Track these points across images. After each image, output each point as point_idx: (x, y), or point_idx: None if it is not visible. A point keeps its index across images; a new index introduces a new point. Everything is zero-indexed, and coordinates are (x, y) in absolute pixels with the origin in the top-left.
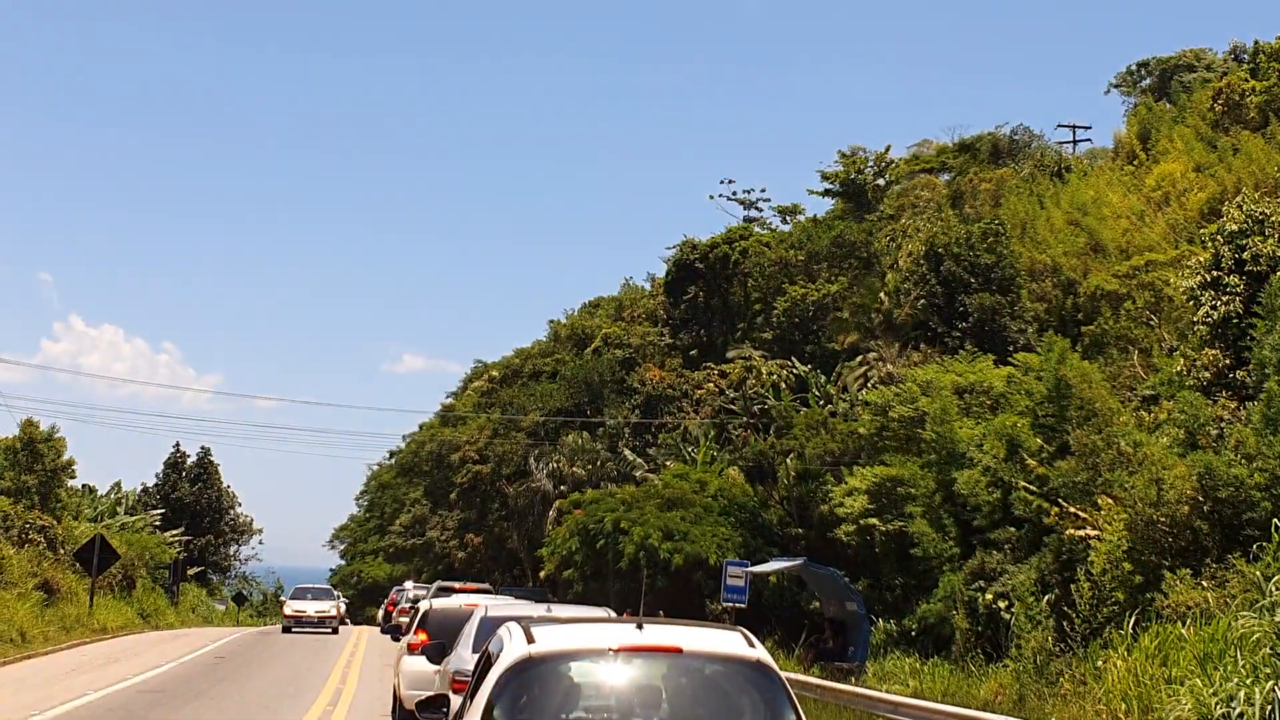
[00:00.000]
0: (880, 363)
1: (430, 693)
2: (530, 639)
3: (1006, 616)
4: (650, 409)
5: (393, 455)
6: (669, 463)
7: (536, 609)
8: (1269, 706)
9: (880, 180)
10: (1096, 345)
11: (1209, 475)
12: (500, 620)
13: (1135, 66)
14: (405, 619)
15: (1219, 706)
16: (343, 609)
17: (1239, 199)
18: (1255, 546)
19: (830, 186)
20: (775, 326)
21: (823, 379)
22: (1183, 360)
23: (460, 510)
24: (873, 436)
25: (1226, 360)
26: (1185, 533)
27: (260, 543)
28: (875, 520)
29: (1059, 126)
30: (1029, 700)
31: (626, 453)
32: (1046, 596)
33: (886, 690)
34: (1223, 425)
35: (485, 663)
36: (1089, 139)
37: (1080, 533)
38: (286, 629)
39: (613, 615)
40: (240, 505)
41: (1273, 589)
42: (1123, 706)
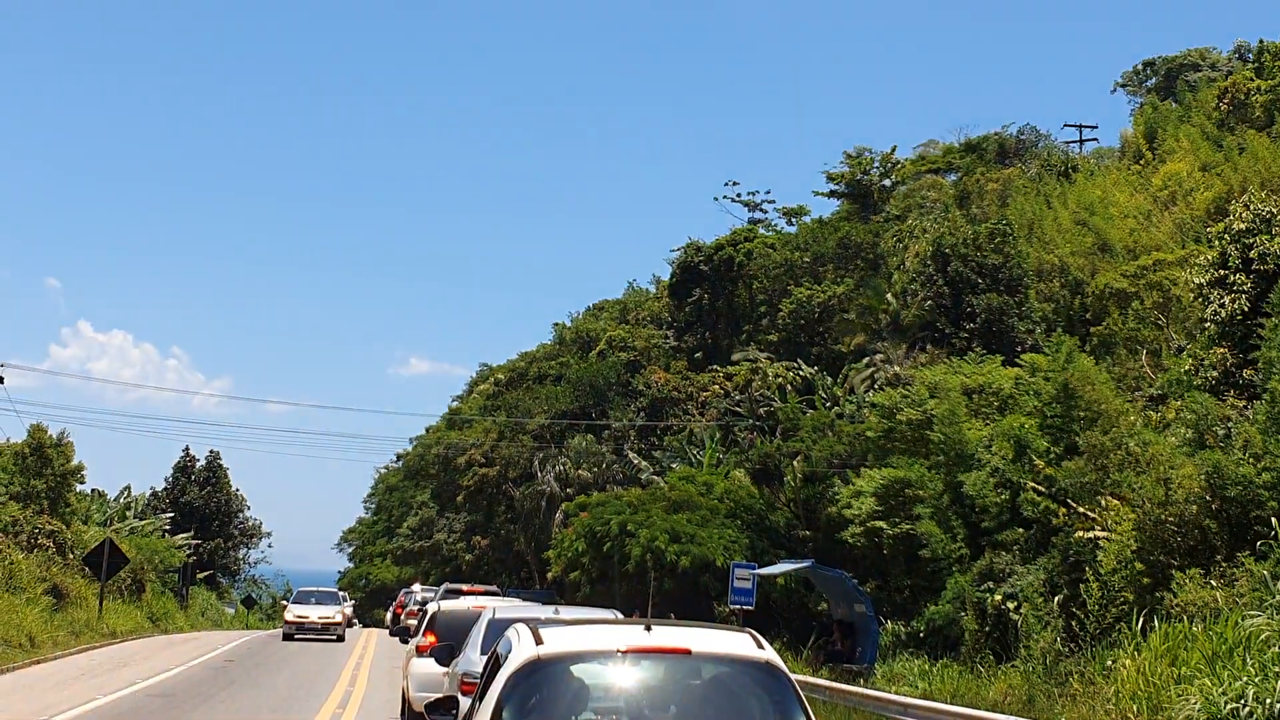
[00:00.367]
0: (887, 364)
1: (439, 694)
2: (538, 640)
3: (1015, 617)
4: (655, 412)
5: (400, 458)
6: (675, 465)
7: (544, 611)
8: (1279, 705)
9: (886, 181)
10: (1105, 345)
11: (1217, 474)
12: (508, 622)
13: (1141, 66)
14: (413, 621)
15: (1228, 705)
16: (350, 613)
17: (1246, 197)
18: (1263, 545)
19: (836, 187)
20: (781, 328)
21: (829, 381)
22: (1190, 359)
23: (467, 513)
24: (879, 439)
25: (1234, 359)
26: (1194, 532)
27: (269, 546)
28: (883, 523)
29: (1065, 126)
30: (1038, 701)
31: (632, 456)
32: (1055, 597)
33: (895, 691)
34: (1230, 424)
35: (494, 664)
36: (1095, 139)
37: (1089, 533)
38: (288, 636)
39: (620, 617)
40: (249, 509)
41: None
42: (1132, 706)
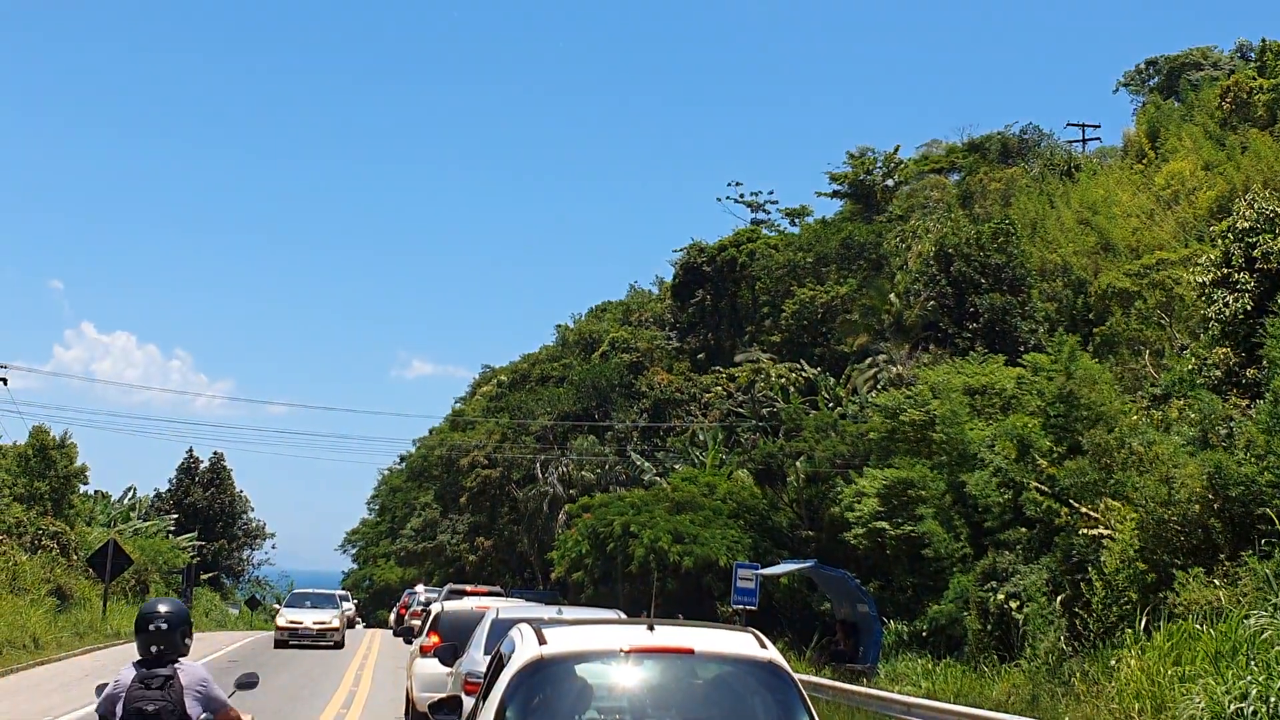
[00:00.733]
0: (890, 364)
1: (443, 694)
2: (542, 640)
3: (1018, 617)
4: (658, 413)
5: (403, 460)
6: (677, 466)
7: (547, 611)
8: None
9: (889, 181)
10: (1108, 344)
11: (1219, 474)
12: (511, 622)
13: (1143, 65)
14: (417, 622)
15: (1232, 704)
16: (351, 614)
17: (1249, 196)
18: (1266, 544)
19: (839, 188)
20: (784, 329)
21: (832, 381)
22: (1193, 359)
23: (470, 514)
24: (883, 439)
25: (1237, 358)
26: (1197, 531)
27: (273, 547)
28: (885, 524)
29: (1068, 125)
30: (1042, 700)
31: (635, 457)
32: (1058, 596)
33: (899, 691)
34: (1233, 424)
35: (497, 664)
36: (1098, 138)
37: (1093, 531)
38: (280, 644)
39: (624, 617)
40: (253, 510)
41: None
42: (1136, 705)
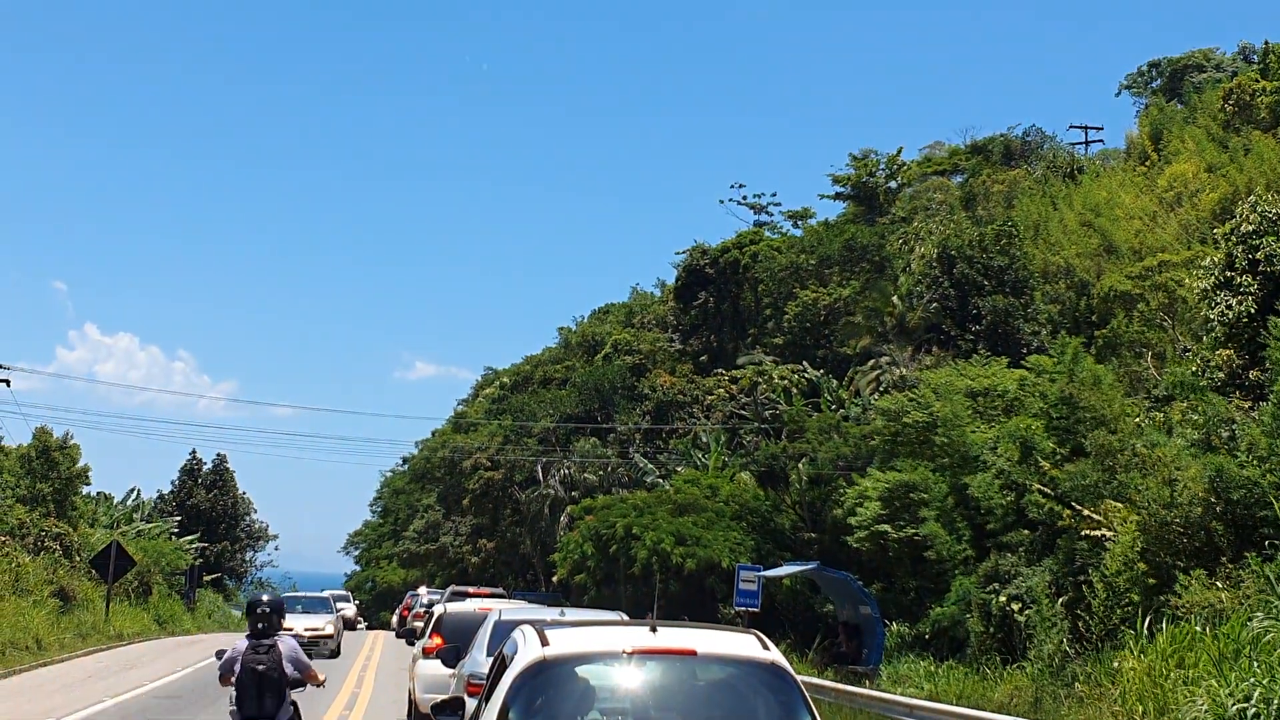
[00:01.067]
0: (893, 366)
1: (445, 696)
2: (545, 642)
3: (1020, 619)
4: (661, 415)
5: (406, 461)
6: (680, 468)
7: (550, 613)
8: None
9: (892, 183)
10: (1110, 347)
11: (1221, 477)
12: (514, 624)
13: (1146, 67)
14: (420, 623)
15: (1235, 706)
16: (352, 615)
17: (1252, 199)
18: (1269, 546)
19: (842, 190)
20: (786, 331)
21: (835, 383)
22: (1196, 361)
23: (473, 516)
24: (885, 442)
25: (1240, 360)
26: (1199, 533)
27: (276, 549)
28: (888, 527)
29: (1071, 127)
30: (1045, 702)
31: (638, 459)
32: (1061, 598)
33: (901, 693)
34: (1234, 426)
35: (500, 666)
36: (1101, 140)
37: (1095, 534)
38: None
39: (626, 619)
40: (256, 511)
41: None
42: (1139, 708)
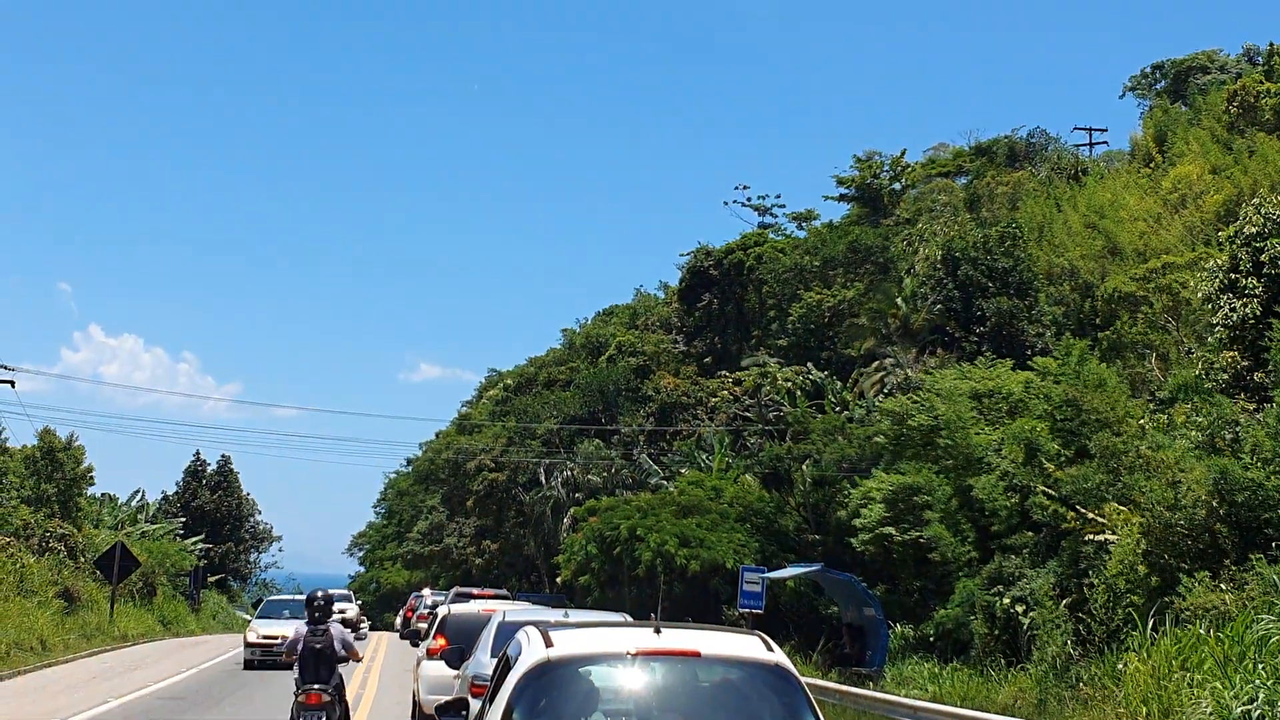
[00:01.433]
0: (897, 368)
1: (449, 697)
2: (548, 643)
3: (1025, 621)
4: (665, 417)
5: (410, 463)
6: (684, 470)
7: (554, 614)
8: None
9: (896, 185)
10: (1114, 349)
11: (1225, 479)
12: (518, 625)
13: (1150, 69)
14: (424, 625)
15: (1239, 709)
16: (351, 616)
17: (1256, 201)
18: (1274, 547)
19: (846, 191)
20: (790, 333)
21: (839, 385)
22: (1200, 363)
23: (477, 517)
24: (890, 444)
25: (1244, 363)
26: (1203, 536)
27: (280, 550)
28: (892, 529)
29: (1075, 129)
30: (1049, 704)
31: (644, 459)
32: (1064, 600)
33: (905, 695)
34: (1239, 428)
35: (504, 667)
36: (1105, 142)
37: (1099, 537)
38: (249, 665)
39: (630, 620)
40: (260, 513)
41: None
42: (1143, 710)
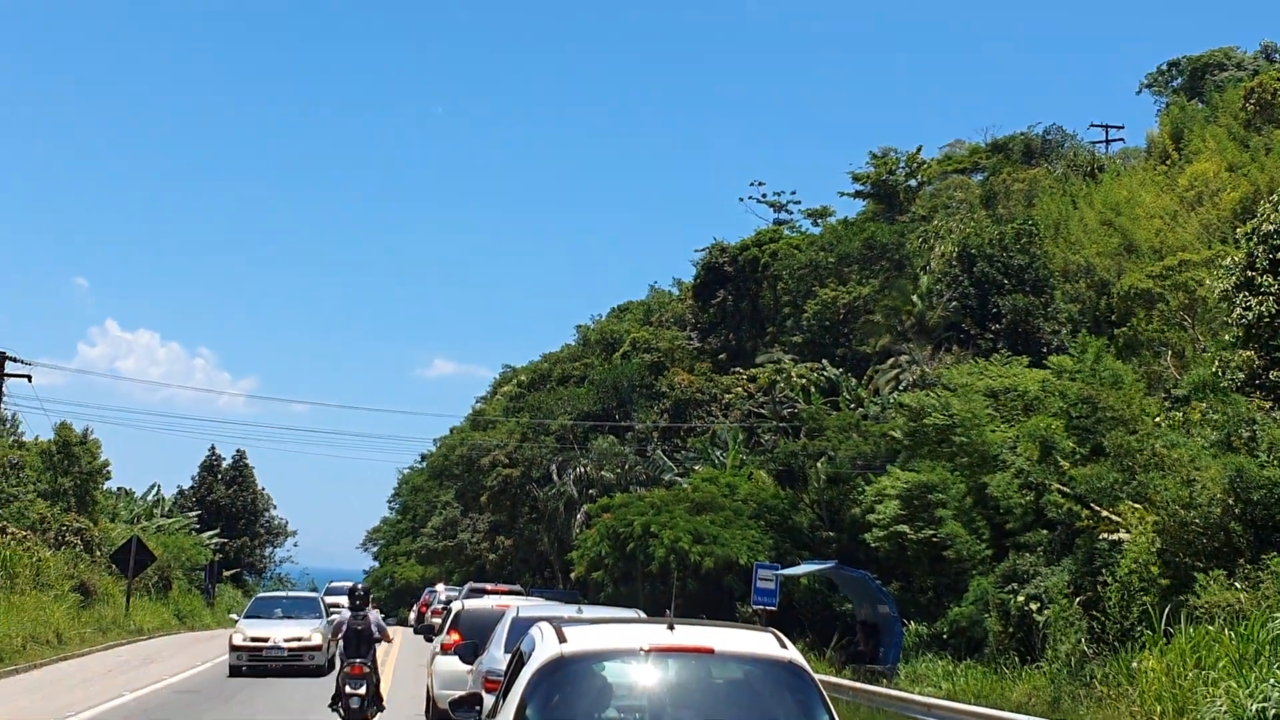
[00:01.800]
0: (912, 365)
1: (463, 692)
2: (562, 639)
3: (1039, 619)
4: (679, 413)
5: (424, 458)
6: (698, 467)
7: (567, 610)
8: None
9: (912, 181)
10: (1130, 346)
11: (1241, 477)
12: (531, 621)
13: (1166, 66)
14: (438, 620)
15: (1255, 707)
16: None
17: (1273, 198)
18: None
19: (861, 188)
20: (805, 330)
21: (854, 382)
22: (1216, 361)
23: (491, 513)
24: (904, 441)
25: (1260, 361)
26: (1218, 534)
27: (295, 545)
28: (906, 527)
29: (1092, 126)
30: (1063, 702)
31: (657, 455)
32: (1079, 598)
33: (919, 692)
34: (1255, 427)
35: (517, 662)
36: (1121, 139)
37: (1115, 534)
38: (235, 671)
39: (644, 616)
40: (275, 507)
41: None
42: (1157, 708)
